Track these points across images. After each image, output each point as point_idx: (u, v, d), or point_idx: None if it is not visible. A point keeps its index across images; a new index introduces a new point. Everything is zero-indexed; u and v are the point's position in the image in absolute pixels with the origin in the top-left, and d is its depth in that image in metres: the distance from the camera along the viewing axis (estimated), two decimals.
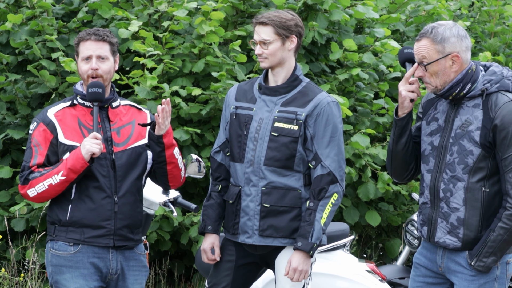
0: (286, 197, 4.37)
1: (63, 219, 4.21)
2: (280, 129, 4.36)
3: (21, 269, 6.71)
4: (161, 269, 6.98)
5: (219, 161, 4.55)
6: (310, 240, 4.30)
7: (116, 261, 4.27)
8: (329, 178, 4.32)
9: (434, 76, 4.04)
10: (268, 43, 4.34)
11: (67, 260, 4.20)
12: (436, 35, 4.00)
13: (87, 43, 4.21)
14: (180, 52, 6.80)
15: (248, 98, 4.47)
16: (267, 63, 4.38)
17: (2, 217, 6.58)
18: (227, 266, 4.50)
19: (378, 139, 7.41)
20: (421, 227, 4.21)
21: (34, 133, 4.23)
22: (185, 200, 5.19)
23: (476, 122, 4.01)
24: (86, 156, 4.10)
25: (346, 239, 5.68)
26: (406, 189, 7.16)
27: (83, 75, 4.24)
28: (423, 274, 4.22)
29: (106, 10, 6.93)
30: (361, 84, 7.40)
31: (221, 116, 4.60)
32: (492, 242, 3.98)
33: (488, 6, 8.74)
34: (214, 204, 4.53)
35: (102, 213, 4.20)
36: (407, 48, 4.24)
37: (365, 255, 7.93)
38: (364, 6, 7.27)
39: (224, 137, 4.55)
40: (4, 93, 6.94)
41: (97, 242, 4.21)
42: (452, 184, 4.05)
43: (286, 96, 4.41)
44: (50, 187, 4.14)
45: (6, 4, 7.08)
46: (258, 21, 4.37)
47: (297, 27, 4.38)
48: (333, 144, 4.35)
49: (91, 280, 4.20)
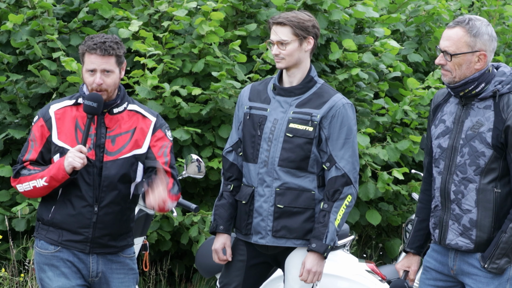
0: (299, 198, 4.36)
1: (46, 218, 4.21)
2: (295, 130, 4.35)
3: (21, 269, 6.72)
4: (162, 269, 6.98)
5: (231, 161, 4.53)
6: (324, 242, 4.30)
7: (97, 264, 4.23)
8: (343, 180, 4.32)
9: (457, 66, 4.00)
10: (286, 43, 4.32)
11: (48, 258, 4.20)
12: (472, 28, 3.96)
13: (92, 56, 4.12)
14: (180, 52, 6.81)
15: (262, 99, 4.45)
16: (284, 63, 4.36)
17: (3, 217, 6.59)
18: (238, 266, 4.50)
19: (378, 139, 7.41)
20: (433, 230, 4.19)
21: (34, 127, 4.21)
22: (185, 200, 5.19)
23: (487, 123, 3.99)
24: (68, 168, 4.06)
25: (346, 239, 5.68)
26: (406, 189, 7.17)
27: (88, 85, 4.18)
28: (434, 277, 4.20)
29: (107, 10, 6.94)
30: (361, 84, 7.40)
31: (234, 116, 4.58)
32: (504, 244, 3.96)
33: (488, 6, 8.74)
34: (226, 204, 4.51)
35: (81, 220, 4.17)
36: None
37: (365, 255, 7.94)
38: (364, 5, 7.27)
39: (236, 137, 4.53)
40: (5, 93, 6.95)
41: (74, 246, 4.19)
42: (464, 185, 4.03)
43: (301, 97, 4.39)
44: (34, 188, 4.15)
45: (7, 4, 7.09)
46: (276, 21, 4.34)
47: (314, 28, 4.37)
48: (348, 146, 4.34)
49: (73, 279, 4.18)
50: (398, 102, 7.59)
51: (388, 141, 7.10)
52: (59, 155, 4.15)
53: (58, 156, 4.15)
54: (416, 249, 4.32)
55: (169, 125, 6.72)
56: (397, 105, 7.21)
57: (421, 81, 7.72)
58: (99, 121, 4.20)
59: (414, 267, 4.32)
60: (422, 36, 8.10)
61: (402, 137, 7.33)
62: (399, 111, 7.15)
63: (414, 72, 8.12)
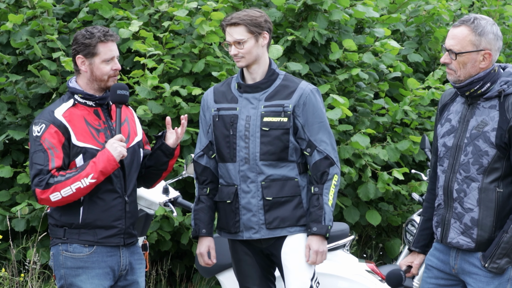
0: (285, 188, 4.46)
1: (76, 222, 4.18)
2: (270, 123, 4.44)
3: (21, 269, 6.72)
4: (162, 269, 6.98)
5: (204, 165, 4.61)
6: (324, 223, 4.41)
7: (126, 258, 4.30)
8: (327, 161, 4.45)
9: (462, 65, 4.01)
10: (243, 42, 4.42)
11: (83, 261, 4.20)
12: (477, 26, 3.98)
13: (109, 44, 4.18)
14: (181, 52, 6.81)
15: (228, 99, 4.54)
16: (244, 62, 4.46)
17: (3, 217, 6.59)
18: (249, 262, 4.58)
19: (378, 139, 7.41)
20: (435, 228, 4.20)
21: (45, 135, 4.12)
22: (185, 200, 5.20)
23: (492, 123, 3.99)
24: (118, 158, 4.12)
25: (346, 239, 5.68)
26: (406, 189, 7.17)
27: (102, 76, 4.20)
28: (435, 275, 4.20)
29: (107, 10, 6.94)
30: (361, 84, 7.40)
31: (200, 121, 4.65)
32: (506, 244, 3.96)
33: (488, 6, 8.75)
34: (204, 207, 4.60)
35: (114, 213, 4.22)
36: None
37: (365, 255, 7.94)
38: (364, 6, 7.27)
39: (206, 141, 4.60)
40: (5, 93, 6.95)
41: (109, 242, 4.22)
42: (466, 184, 4.04)
43: (268, 91, 4.49)
44: (77, 190, 4.09)
45: (7, 4, 7.09)
46: (228, 22, 4.45)
47: (266, 23, 4.48)
48: (323, 129, 4.47)
49: (105, 280, 4.22)
50: (398, 102, 7.59)
51: (388, 141, 7.10)
52: (82, 156, 4.14)
53: (81, 157, 4.14)
54: (421, 248, 4.34)
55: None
56: (397, 105, 7.21)
57: (421, 81, 7.72)
58: (105, 114, 4.26)
59: (417, 262, 4.35)
60: (422, 36, 8.10)
61: (402, 137, 7.33)
62: (399, 111, 7.15)
63: (414, 72, 8.12)
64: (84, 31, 4.22)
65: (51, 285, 6.53)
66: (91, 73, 4.21)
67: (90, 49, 4.18)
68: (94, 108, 4.24)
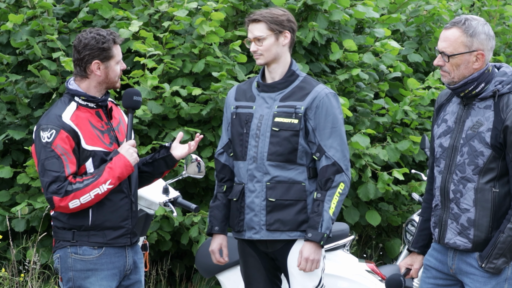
0: (290, 191, 4.41)
1: (85, 224, 4.16)
2: (280, 124, 4.40)
3: (21, 269, 6.72)
4: (162, 269, 6.98)
5: (223, 162, 4.59)
6: (320, 231, 4.35)
7: (131, 257, 4.31)
8: (334, 168, 4.37)
9: (455, 67, 4.00)
10: (262, 39, 4.40)
11: (93, 263, 4.19)
12: (468, 28, 3.97)
13: (118, 45, 4.20)
14: (181, 52, 6.81)
15: (247, 97, 4.52)
16: (262, 59, 4.43)
17: (3, 217, 6.59)
18: (255, 264, 4.56)
19: (378, 139, 7.41)
20: (433, 229, 4.20)
21: (56, 141, 4.04)
22: (185, 200, 5.19)
23: (487, 123, 3.99)
24: (134, 164, 4.15)
25: (346, 239, 5.68)
26: (406, 189, 7.17)
27: (115, 78, 4.18)
28: (434, 275, 4.20)
29: (107, 10, 6.94)
30: (361, 84, 7.40)
31: (223, 118, 4.63)
32: (502, 244, 3.96)
33: (488, 6, 8.74)
34: (220, 205, 4.58)
35: (122, 213, 4.21)
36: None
37: (365, 255, 7.94)
38: (364, 6, 7.27)
39: (226, 138, 4.59)
40: (5, 93, 6.95)
41: (118, 242, 4.22)
42: (462, 185, 4.04)
43: (284, 91, 4.45)
44: (96, 196, 4.09)
45: (7, 4, 7.09)
46: (250, 19, 4.43)
47: (289, 22, 4.43)
48: (335, 135, 4.39)
49: (113, 281, 4.22)
50: (398, 102, 7.59)
51: (388, 141, 7.10)
52: (91, 160, 4.12)
53: (91, 161, 4.12)
54: (420, 249, 4.32)
55: (169, 125, 6.75)
56: (397, 105, 7.21)
57: (421, 81, 7.72)
58: (105, 114, 4.25)
59: (417, 266, 4.33)
60: (423, 36, 8.10)
61: (402, 137, 7.33)
62: (399, 111, 7.15)
63: (414, 72, 8.12)
64: (94, 35, 4.11)
65: (51, 285, 6.53)
66: (105, 76, 4.15)
67: (108, 52, 4.12)
68: (95, 109, 4.21)
